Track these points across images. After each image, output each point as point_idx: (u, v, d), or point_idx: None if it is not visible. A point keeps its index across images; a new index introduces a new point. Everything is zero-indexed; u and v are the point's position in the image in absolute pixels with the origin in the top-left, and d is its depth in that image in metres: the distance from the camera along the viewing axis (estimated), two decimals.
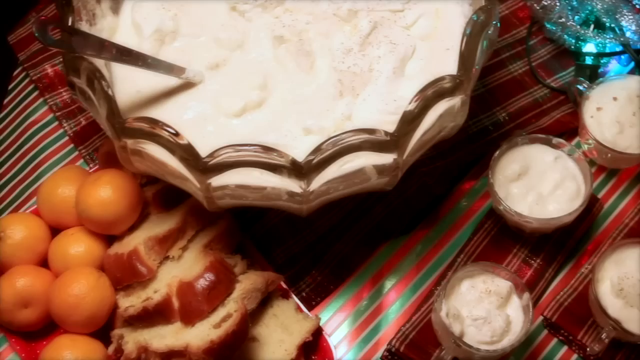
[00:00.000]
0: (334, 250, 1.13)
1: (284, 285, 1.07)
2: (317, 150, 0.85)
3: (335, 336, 1.08)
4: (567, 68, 1.28)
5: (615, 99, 1.14)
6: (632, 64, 1.26)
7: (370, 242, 1.14)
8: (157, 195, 1.06)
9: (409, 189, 1.15)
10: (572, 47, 1.27)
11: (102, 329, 1.02)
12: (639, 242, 1.04)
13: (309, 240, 1.13)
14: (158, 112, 1.00)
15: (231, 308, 0.96)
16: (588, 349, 1.02)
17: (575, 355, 1.07)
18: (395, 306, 1.10)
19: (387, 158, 0.90)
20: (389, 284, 1.12)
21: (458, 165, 1.18)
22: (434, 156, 1.17)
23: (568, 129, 1.22)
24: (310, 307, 1.09)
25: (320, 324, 1.05)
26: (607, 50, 1.26)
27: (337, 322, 1.09)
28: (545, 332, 1.09)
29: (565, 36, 1.27)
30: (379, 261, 1.13)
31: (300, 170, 0.85)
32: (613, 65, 1.28)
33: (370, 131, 0.87)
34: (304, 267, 1.12)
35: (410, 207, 1.15)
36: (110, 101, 0.88)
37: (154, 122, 0.86)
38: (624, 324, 0.99)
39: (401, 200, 1.15)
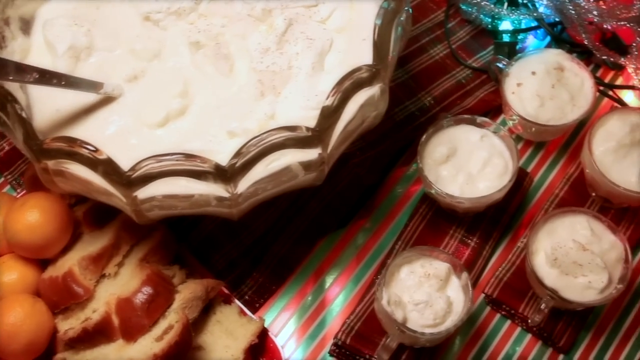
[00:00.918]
0: (272, 250, 1.13)
1: (226, 291, 1.06)
2: (239, 152, 0.84)
3: (282, 336, 1.08)
4: (486, 47, 1.30)
5: (534, 73, 1.15)
6: (549, 38, 1.29)
7: (308, 239, 1.14)
8: (87, 213, 1.05)
9: (341, 182, 1.16)
10: (489, 26, 1.29)
11: (44, 355, 1.00)
12: (568, 211, 1.06)
13: (247, 243, 1.13)
14: (80, 130, 0.98)
15: (172, 319, 0.95)
16: (529, 321, 1.04)
17: (518, 329, 1.09)
18: (339, 299, 1.11)
19: (311, 153, 0.90)
20: (330, 278, 1.12)
21: (388, 153, 1.19)
22: (364, 147, 1.18)
23: (492, 107, 1.24)
24: (254, 310, 1.09)
25: (265, 325, 1.05)
26: (523, 27, 1.28)
27: (282, 321, 1.09)
28: (487, 308, 1.10)
29: (482, 16, 1.29)
30: (318, 257, 1.13)
31: (224, 174, 0.85)
32: (531, 41, 1.30)
33: (292, 128, 0.87)
34: (244, 270, 1.11)
35: (345, 199, 1.16)
36: (25, 124, 0.87)
37: (72, 140, 0.85)
38: (561, 292, 1.01)
39: (335, 194, 1.16)
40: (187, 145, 0.95)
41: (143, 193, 0.88)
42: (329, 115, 0.87)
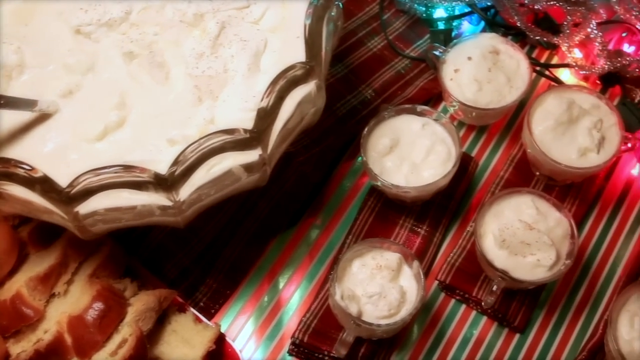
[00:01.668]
0: (224, 254, 1.12)
1: (180, 299, 1.05)
2: (178, 160, 0.84)
3: (240, 339, 1.08)
4: (422, 36, 1.31)
5: (470, 58, 1.17)
6: (483, 23, 1.30)
7: (260, 240, 1.14)
8: (32, 233, 1.03)
9: (288, 181, 1.16)
10: (424, 15, 1.30)
11: None
12: (512, 192, 1.07)
13: (198, 249, 1.12)
14: (17, 150, 0.96)
15: (126, 333, 0.94)
16: (483, 303, 1.05)
17: (474, 312, 1.10)
18: (295, 298, 1.11)
19: (252, 155, 0.90)
20: (284, 277, 1.12)
21: (333, 149, 1.19)
22: (308, 144, 1.18)
23: (433, 94, 1.25)
24: (210, 316, 1.08)
25: (222, 330, 1.05)
26: (457, 13, 1.29)
27: (239, 325, 1.09)
28: (442, 295, 1.11)
29: (415, 5, 1.30)
30: (271, 257, 1.13)
31: (165, 183, 0.84)
32: (466, 27, 1.32)
33: (230, 131, 0.86)
34: (197, 277, 1.11)
35: (293, 198, 1.16)
36: None
37: (6, 161, 0.83)
38: (512, 272, 1.02)
39: (282, 193, 1.16)
40: (128, 156, 0.94)
41: (84, 208, 0.87)
42: (266, 115, 0.87)
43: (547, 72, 1.26)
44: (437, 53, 1.19)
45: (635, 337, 0.97)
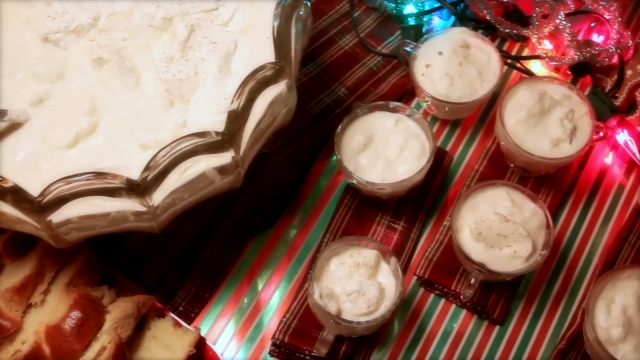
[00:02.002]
0: (202, 258, 1.12)
1: (159, 304, 1.05)
2: (149, 165, 0.84)
3: (221, 342, 1.08)
4: (394, 33, 1.31)
5: (440, 53, 1.17)
6: (454, 17, 1.31)
7: (237, 242, 1.13)
8: (6, 244, 1.02)
9: (263, 182, 1.16)
10: (394, 11, 1.30)
11: None
12: (487, 185, 1.08)
13: (176, 254, 1.12)
14: None
15: (104, 340, 0.94)
16: (462, 297, 1.06)
17: (453, 306, 1.11)
18: (275, 299, 1.11)
19: (225, 157, 0.90)
20: (263, 278, 1.12)
21: (307, 148, 1.19)
22: (283, 145, 1.18)
23: (406, 90, 1.25)
24: (189, 320, 1.08)
25: (203, 334, 1.04)
26: (427, 8, 1.29)
27: (220, 328, 1.09)
28: (421, 290, 1.12)
29: (386, 2, 1.30)
30: (249, 259, 1.13)
31: (138, 188, 0.84)
32: (436, 22, 1.32)
33: (201, 134, 0.86)
34: (175, 281, 1.10)
35: (269, 199, 1.16)
36: None
37: None
38: (489, 265, 1.02)
39: (258, 194, 1.15)
40: (101, 163, 0.94)
41: (57, 217, 0.86)
42: (237, 117, 0.87)
43: (518, 65, 1.27)
44: (408, 49, 1.20)
45: (612, 324, 0.97)
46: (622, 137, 1.18)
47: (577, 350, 1.05)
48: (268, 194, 1.16)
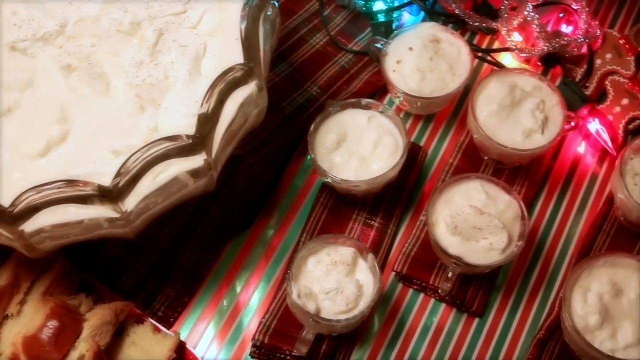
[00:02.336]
0: (180, 262, 1.11)
1: (137, 310, 1.05)
2: (121, 171, 0.83)
3: (201, 346, 1.07)
4: (364, 30, 1.31)
5: (411, 49, 1.17)
6: (423, 13, 1.31)
7: (215, 245, 1.13)
8: None
9: (239, 184, 1.15)
10: (364, 8, 1.30)
11: None
12: (461, 178, 1.08)
13: (154, 259, 1.11)
14: None
15: (83, 349, 0.93)
16: (440, 291, 1.06)
17: (432, 300, 1.11)
18: (254, 300, 1.11)
19: (197, 160, 0.90)
20: (242, 280, 1.12)
21: (282, 149, 1.19)
22: (257, 146, 1.18)
23: (378, 87, 1.25)
24: (169, 325, 1.07)
25: (183, 338, 1.04)
26: (396, 5, 1.29)
27: (200, 332, 1.08)
28: (400, 285, 1.12)
29: (355, 0, 1.30)
30: (227, 261, 1.13)
31: (110, 195, 0.83)
32: (406, 18, 1.32)
33: (172, 138, 0.86)
34: (154, 287, 1.10)
35: (245, 201, 1.15)
36: None
37: None
38: (466, 258, 1.03)
39: (234, 196, 1.15)
40: (73, 171, 0.93)
41: (30, 226, 0.86)
42: (207, 121, 0.87)
43: (489, 58, 1.27)
44: (379, 46, 1.20)
45: (589, 312, 0.98)
46: (594, 126, 1.19)
47: (556, 340, 1.06)
48: (244, 195, 1.15)
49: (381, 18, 1.29)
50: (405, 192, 1.16)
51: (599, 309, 0.98)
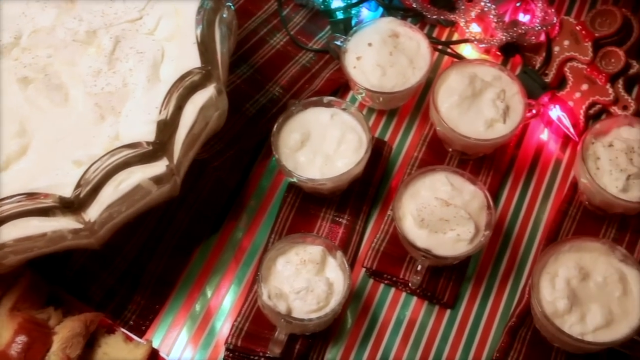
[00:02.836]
0: (149, 269, 1.11)
1: (108, 320, 1.04)
2: (81, 180, 0.83)
3: (175, 352, 1.07)
4: (323, 28, 1.31)
5: (370, 44, 1.17)
6: (382, 8, 1.31)
7: (184, 251, 1.13)
8: None
9: (205, 188, 1.15)
10: (322, 6, 1.30)
11: None
12: (426, 171, 1.08)
13: (122, 267, 1.11)
14: None
15: None
16: (410, 284, 1.06)
17: (404, 294, 1.11)
18: (226, 303, 1.10)
19: (159, 167, 0.89)
20: (213, 284, 1.11)
21: (246, 150, 1.19)
22: (222, 149, 1.17)
23: (340, 84, 1.25)
24: (141, 333, 1.07)
25: (155, 346, 1.04)
26: (354, 1, 1.29)
27: (172, 338, 1.08)
28: (371, 281, 1.12)
29: None
30: (197, 266, 1.12)
31: (71, 205, 0.83)
32: (365, 13, 1.32)
33: (132, 145, 0.86)
34: (124, 296, 1.09)
35: (212, 204, 1.15)
36: None
37: None
38: (434, 250, 1.03)
39: (201, 201, 1.15)
40: (35, 183, 0.92)
41: None
42: (166, 126, 0.86)
43: (448, 50, 1.28)
44: (338, 43, 1.20)
45: (557, 297, 0.99)
46: (555, 112, 1.20)
47: (528, 326, 1.07)
48: (210, 199, 1.15)
49: (340, 15, 1.29)
50: (371, 188, 1.17)
51: (567, 293, 0.99)
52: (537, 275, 1.01)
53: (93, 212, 0.87)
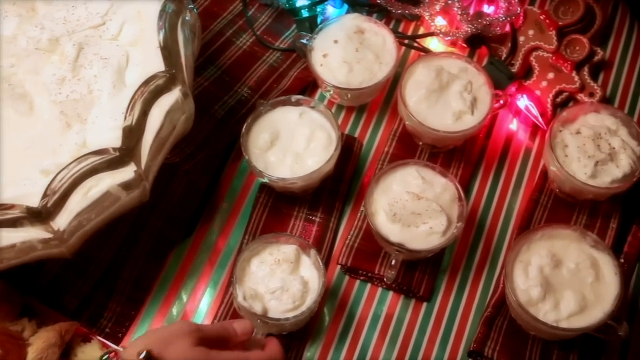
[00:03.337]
0: (124, 276, 1.10)
1: (84, 329, 1.03)
2: (47, 190, 0.82)
3: None
4: (289, 26, 1.31)
5: (336, 41, 1.17)
6: (346, 5, 1.31)
7: (158, 255, 1.12)
8: None
9: (176, 192, 1.14)
10: (287, 5, 1.29)
11: None
12: (396, 166, 1.08)
13: (97, 275, 1.10)
14: None
15: None
16: (385, 279, 1.07)
17: (380, 289, 1.12)
18: (202, 306, 1.10)
19: (127, 172, 0.89)
20: (188, 288, 1.11)
21: (217, 152, 1.19)
22: (192, 152, 1.17)
23: (308, 82, 1.25)
24: (118, 341, 1.06)
25: None
26: None
27: None
28: (346, 277, 1.12)
29: None
30: (172, 270, 1.12)
31: (39, 215, 0.82)
32: (330, 11, 1.32)
33: (99, 152, 0.85)
34: (99, 304, 1.08)
35: (184, 208, 1.15)
36: None
37: None
38: (407, 244, 1.03)
39: (173, 205, 1.14)
40: (3, 194, 0.91)
41: None
42: (132, 132, 0.86)
43: (415, 44, 1.28)
44: (304, 41, 1.20)
45: (531, 285, 0.99)
46: (523, 102, 1.20)
47: (504, 315, 1.07)
48: (182, 203, 1.15)
49: (305, 13, 1.29)
50: (343, 184, 1.17)
51: (540, 281, 0.99)
52: (510, 265, 1.02)
53: (62, 221, 0.86)
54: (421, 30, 1.31)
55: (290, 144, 1.10)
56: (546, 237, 1.03)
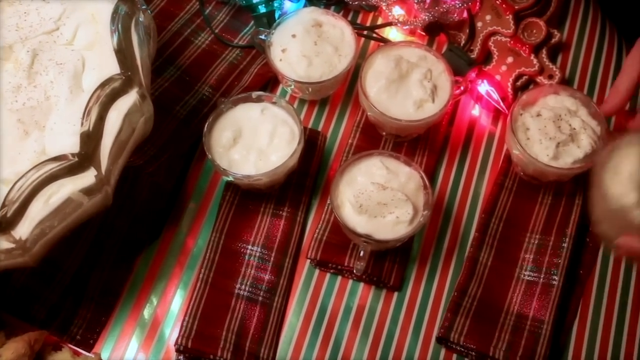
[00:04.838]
0: (92, 282, 1.09)
1: (54, 337, 1.03)
2: (5, 200, 0.81)
3: None
4: (247, 23, 1.31)
5: (294, 36, 1.17)
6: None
7: (126, 259, 1.12)
8: None
9: (141, 195, 1.14)
10: (244, 2, 1.29)
11: None
12: (360, 157, 1.08)
13: (65, 283, 1.09)
14: None
15: None
16: (355, 270, 1.07)
17: (350, 281, 1.12)
18: (174, 307, 1.09)
19: (88, 178, 0.88)
20: (159, 290, 1.10)
21: (181, 153, 1.18)
22: (156, 154, 1.16)
23: (269, 78, 1.25)
24: (89, 347, 1.06)
25: (105, 358, 1.03)
26: None
27: (122, 348, 1.07)
28: (316, 271, 1.12)
29: None
30: (141, 273, 1.11)
31: None
32: (288, 5, 1.31)
33: (57, 158, 0.84)
34: (68, 311, 1.08)
35: (150, 210, 1.14)
36: None
37: None
38: (375, 235, 1.03)
39: (139, 208, 1.13)
40: None
41: None
42: (89, 137, 0.85)
43: (374, 34, 1.28)
44: (262, 37, 1.19)
45: None
46: (483, 87, 1.21)
47: (471, 297, 1.08)
48: (148, 205, 1.14)
49: (262, 9, 1.28)
50: (309, 178, 1.17)
51: None
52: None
53: (24, 230, 0.85)
54: (379, 21, 1.31)
55: (254, 141, 1.09)
56: None
